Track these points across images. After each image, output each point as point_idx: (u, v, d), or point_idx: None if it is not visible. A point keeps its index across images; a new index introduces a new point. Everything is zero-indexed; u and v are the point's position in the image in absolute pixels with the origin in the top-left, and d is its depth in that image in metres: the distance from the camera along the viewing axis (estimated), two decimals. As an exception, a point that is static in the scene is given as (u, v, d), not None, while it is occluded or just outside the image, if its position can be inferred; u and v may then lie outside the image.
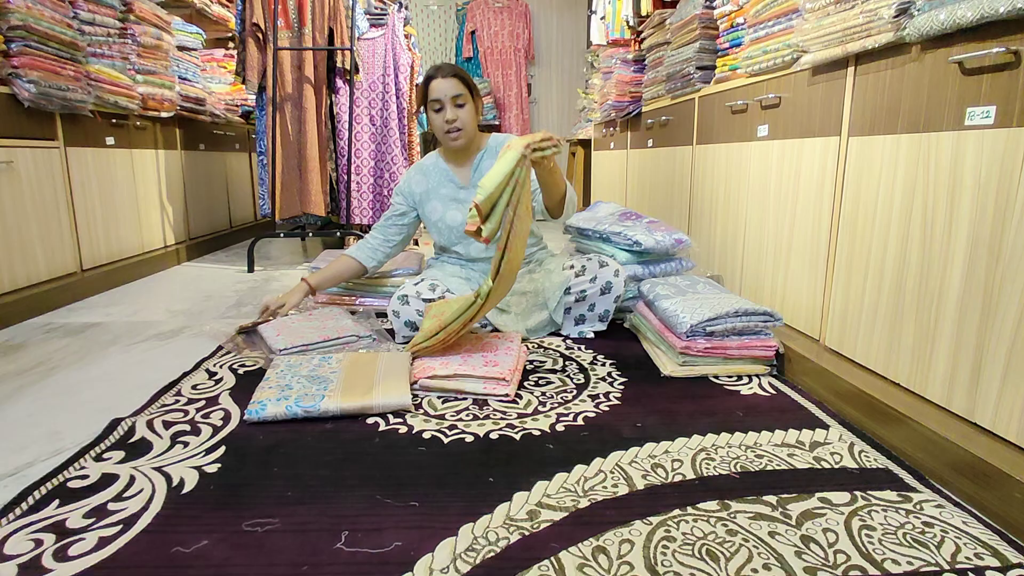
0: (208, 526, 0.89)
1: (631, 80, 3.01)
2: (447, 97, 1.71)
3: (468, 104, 1.74)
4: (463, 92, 1.72)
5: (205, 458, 1.09)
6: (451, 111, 1.72)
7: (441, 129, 1.75)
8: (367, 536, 0.86)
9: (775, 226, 1.71)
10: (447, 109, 1.72)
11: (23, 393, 1.40)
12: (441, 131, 1.76)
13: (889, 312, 1.23)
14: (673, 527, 0.88)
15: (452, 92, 1.71)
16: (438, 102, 1.72)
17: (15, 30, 2.00)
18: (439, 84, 1.71)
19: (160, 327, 1.95)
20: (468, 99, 1.74)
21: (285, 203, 2.93)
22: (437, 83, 1.71)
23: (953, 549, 0.83)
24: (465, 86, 1.73)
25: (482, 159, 1.84)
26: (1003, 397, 0.97)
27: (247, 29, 2.84)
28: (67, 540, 0.85)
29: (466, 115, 1.74)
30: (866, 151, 1.31)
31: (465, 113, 1.74)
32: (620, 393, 1.39)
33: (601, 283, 1.74)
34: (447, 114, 1.72)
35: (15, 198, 2.03)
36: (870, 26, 1.23)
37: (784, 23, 1.62)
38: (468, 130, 1.75)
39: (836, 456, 1.10)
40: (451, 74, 1.72)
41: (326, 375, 1.38)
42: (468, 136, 1.76)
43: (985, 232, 1.00)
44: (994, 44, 0.97)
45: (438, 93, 1.71)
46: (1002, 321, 0.97)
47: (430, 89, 1.72)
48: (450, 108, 1.72)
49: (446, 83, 1.71)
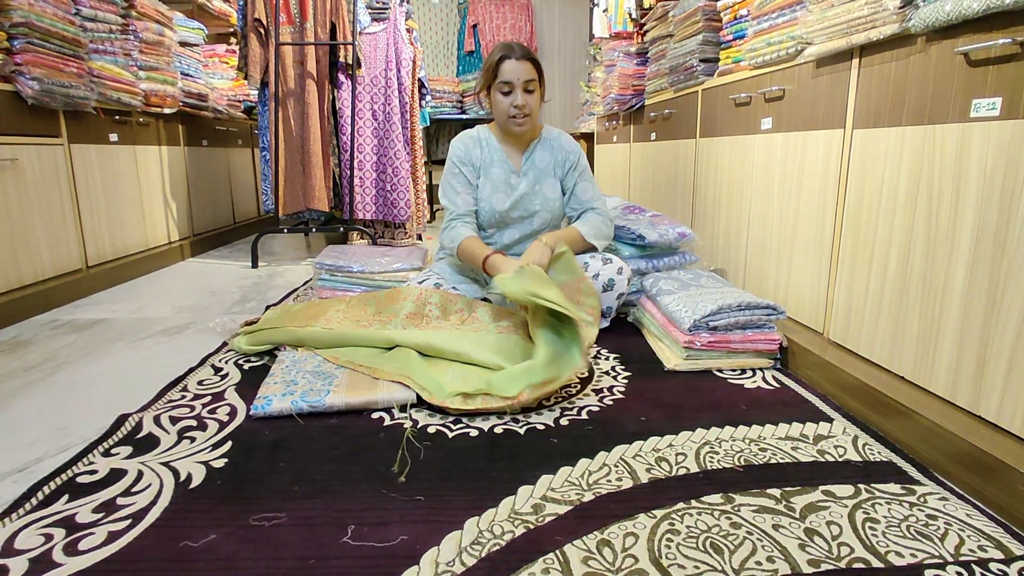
0: (216, 520, 0.90)
1: (634, 73, 3.00)
2: (519, 81, 1.67)
3: (537, 91, 1.72)
4: (534, 78, 1.69)
5: (212, 453, 1.09)
6: (521, 96, 1.68)
7: (506, 113, 1.71)
8: (373, 530, 0.87)
9: (779, 219, 1.71)
10: (516, 93, 1.68)
11: (30, 389, 1.41)
12: (505, 115, 1.72)
13: (893, 305, 1.23)
14: (677, 520, 0.89)
15: (525, 76, 1.67)
16: (508, 84, 1.68)
17: (18, 27, 2.00)
18: (512, 66, 1.67)
19: (166, 323, 1.96)
20: (537, 85, 1.72)
21: (289, 199, 2.93)
22: (510, 64, 1.67)
23: (957, 541, 0.83)
24: (537, 71, 1.70)
25: (536, 148, 1.82)
26: (1008, 390, 0.97)
27: (249, 25, 2.83)
28: (77, 535, 0.86)
29: (534, 101, 1.72)
30: (871, 144, 1.31)
31: (534, 100, 1.71)
32: (624, 387, 1.39)
33: (604, 280, 1.74)
34: (516, 99, 1.68)
35: (20, 195, 2.04)
36: (875, 17, 1.22)
37: (788, 15, 1.61)
38: (533, 118, 1.74)
39: (840, 449, 1.10)
40: (524, 56, 1.68)
41: (331, 371, 1.38)
42: (531, 124, 1.75)
43: (991, 225, 1.00)
44: (1000, 35, 0.96)
45: (510, 75, 1.67)
46: (1007, 313, 0.97)
47: (501, 70, 1.68)
48: (520, 93, 1.68)
49: (520, 66, 1.66)
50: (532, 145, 1.83)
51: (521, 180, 1.81)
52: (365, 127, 3.05)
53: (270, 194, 3.00)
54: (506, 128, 1.77)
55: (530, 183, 1.81)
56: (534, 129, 1.83)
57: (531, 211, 1.83)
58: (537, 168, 1.82)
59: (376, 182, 3.11)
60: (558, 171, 1.84)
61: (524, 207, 1.82)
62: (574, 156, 1.85)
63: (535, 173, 1.82)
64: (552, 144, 1.84)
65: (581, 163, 1.86)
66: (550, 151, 1.84)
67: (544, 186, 1.83)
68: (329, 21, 2.86)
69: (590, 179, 1.87)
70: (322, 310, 1.70)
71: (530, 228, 1.85)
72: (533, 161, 1.82)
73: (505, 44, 1.72)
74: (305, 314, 1.68)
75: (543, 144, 1.83)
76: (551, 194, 1.83)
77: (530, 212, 1.83)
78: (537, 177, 1.82)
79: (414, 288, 1.71)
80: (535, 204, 1.82)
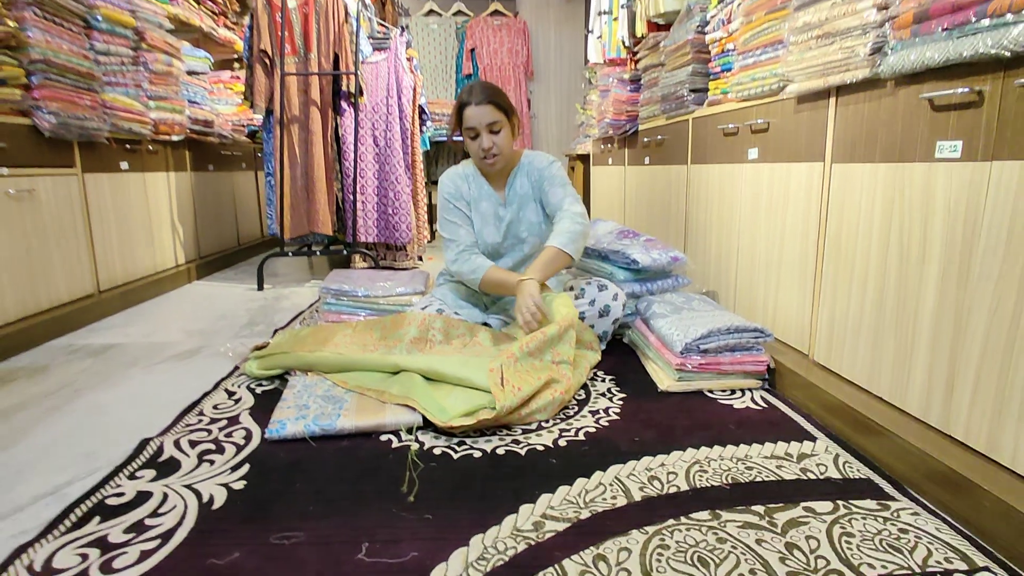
0: (238, 540, 0.96)
1: (627, 99, 3.10)
2: (482, 125, 1.73)
3: (504, 128, 1.76)
4: (498, 118, 1.73)
5: (231, 475, 1.16)
6: (487, 139, 1.74)
7: (477, 155, 1.78)
8: (386, 547, 0.94)
9: (766, 245, 1.79)
10: (483, 137, 1.74)
11: (54, 415, 1.48)
12: (477, 157, 1.79)
13: (871, 329, 1.31)
14: (667, 536, 0.96)
15: (488, 120, 1.72)
16: (473, 130, 1.74)
17: (36, 64, 2.09)
18: (473, 112, 1.72)
19: (177, 347, 2.03)
20: (504, 123, 1.75)
21: (293, 223, 3.02)
22: (471, 111, 1.73)
23: (925, 554, 0.90)
24: (500, 110, 1.74)
25: (516, 176, 1.88)
26: (973, 410, 1.04)
27: (255, 55, 2.93)
28: (111, 554, 0.93)
29: (502, 140, 1.76)
30: (848, 177, 1.39)
31: (501, 138, 1.76)
32: (619, 408, 1.46)
33: (600, 306, 1.82)
34: (483, 142, 1.74)
35: (36, 224, 2.12)
36: (848, 61, 1.31)
37: (771, 52, 1.70)
38: (504, 155, 1.78)
39: (821, 467, 1.17)
40: (485, 100, 1.72)
41: (340, 395, 1.46)
42: (504, 160, 1.80)
43: (955, 257, 1.08)
44: (960, 84, 1.05)
45: (472, 121, 1.73)
46: (972, 338, 1.04)
47: (464, 116, 1.74)
48: (486, 135, 1.74)
49: (480, 110, 1.72)
50: (513, 173, 1.89)
51: (507, 210, 1.89)
52: (367, 153, 3.15)
53: (275, 218, 3.09)
54: (483, 168, 1.85)
55: (515, 211, 1.89)
56: (513, 157, 1.88)
57: (520, 238, 1.91)
58: (519, 195, 1.89)
59: (378, 206, 3.20)
60: (536, 193, 1.89)
61: (513, 235, 1.90)
62: (544, 170, 1.87)
63: (518, 201, 1.89)
64: (528, 169, 1.89)
65: (549, 171, 1.87)
66: (527, 176, 1.89)
67: (527, 212, 1.89)
68: (332, 51, 2.96)
69: (560, 183, 1.86)
70: (330, 335, 1.77)
71: (522, 254, 1.93)
72: (515, 190, 1.89)
73: (467, 88, 1.78)
74: (314, 339, 1.75)
75: (522, 171, 1.89)
76: (535, 218, 1.90)
77: (520, 239, 1.91)
78: (520, 204, 1.89)
79: (418, 314, 1.79)
80: (522, 231, 1.90)
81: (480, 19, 5.13)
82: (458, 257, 1.84)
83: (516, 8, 5.25)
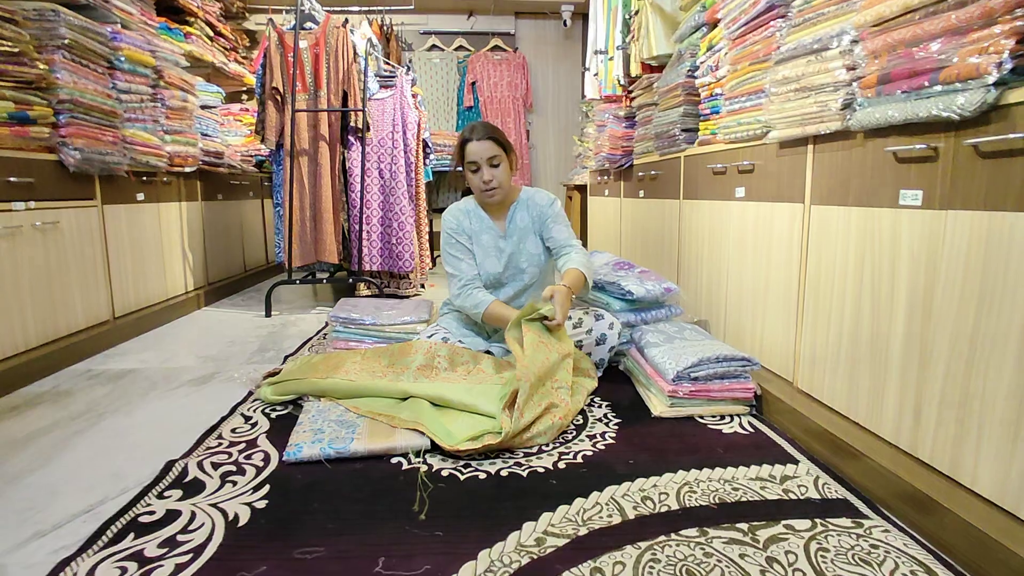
0: (264, 554, 1.05)
1: (623, 135, 3.24)
2: (483, 159, 1.88)
3: (503, 162, 1.91)
4: (497, 152, 1.89)
5: (253, 495, 1.25)
6: (487, 172, 1.89)
7: (479, 188, 1.93)
8: (401, 561, 1.02)
9: (753, 278, 1.90)
10: (483, 170, 1.89)
11: (81, 437, 1.56)
12: (479, 189, 1.93)
13: (848, 359, 1.41)
14: (659, 551, 1.04)
15: (488, 154, 1.88)
16: (474, 163, 1.89)
17: (63, 103, 2.21)
18: (474, 147, 1.88)
19: (192, 373, 2.11)
20: (503, 158, 1.91)
21: (301, 251, 3.12)
22: (473, 146, 1.88)
23: (893, 567, 0.99)
24: (499, 146, 1.90)
25: (515, 210, 2.02)
26: (937, 434, 1.14)
27: (267, 92, 3.07)
28: (148, 567, 1.01)
29: (501, 173, 1.91)
30: (825, 218, 1.51)
31: (500, 172, 1.91)
32: (615, 433, 1.55)
33: (596, 335, 1.92)
34: (484, 175, 1.89)
35: (59, 254, 2.22)
36: (822, 114, 1.43)
37: (755, 100, 1.83)
38: (504, 187, 1.93)
39: (802, 488, 1.26)
40: (485, 136, 1.88)
41: (353, 420, 1.55)
42: (504, 192, 1.94)
43: (919, 294, 1.19)
44: (918, 140, 1.17)
45: (474, 156, 1.88)
46: (935, 368, 1.15)
47: (466, 152, 1.90)
48: (486, 169, 1.89)
49: (481, 146, 1.87)
50: (512, 207, 2.02)
51: (508, 242, 2.00)
52: (372, 185, 3.27)
53: (283, 247, 3.20)
54: (482, 200, 1.99)
55: (515, 243, 2.00)
56: (512, 193, 2.03)
57: (521, 268, 2.02)
58: (519, 228, 2.01)
59: (382, 235, 3.31)
60: (536, 226, 2.02)
61: (514, 265, 2.01)
62: (547, 207, 2.01)
63: (518, 233, 2.01)
64: (528, 204, 2.03)
65: (552, 210, 2.01)
66: (527, 210, 2.02)
67: (527, 244, 2.01)
68: (341, 89, 3.10)
69: (563, 222, 2.01)
70: (340, 362, 1.86)
71: (522, 283, 2.04)
72: (515, 223, 2.01)
73: (468, 127, 1.94)
74: (325, 366, 1.84)
75: (521, 205, 2.02)
76: (534, 250, 2.01)
77: (520, 269, 2.02)
78: (520, 236, 2.01)
79: (424, 342, 1.89)
80: (522, 262, 2.01)
81: (481, 54, 5.32)
82: (461, 292, 1.95)
83: (516, 44, 5.45)
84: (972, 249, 1.06)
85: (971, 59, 0.98)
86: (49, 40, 2.18)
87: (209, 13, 3.87)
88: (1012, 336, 0.98)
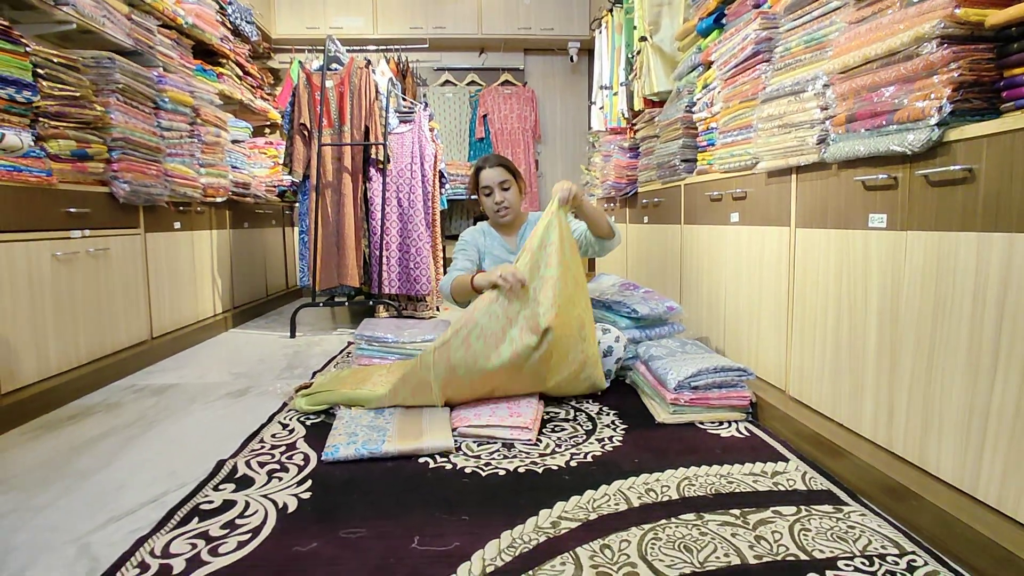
0: (314, 534, 1.20)
1: (627, 165, 3.43)
2: (495, 183, 2.13)
3: (513, 187, 2.17)
4: (508, 178, 2.15)
5: (298, 488, 1.40)
6: (499, 194, 2.15)
7: (492, 209, 2.18)
8: (433, 539, 1.17)
9: (748, 297, 2.06)
10: (495, 193, 2.14)
11: (136, 442, 1.73)
12: (492, 211, 2.18)
13: (831, 366, 1.56)
14: (660, 531, 1.19)
15: (499, 179, 2.13)
16: (488, 188, 2.15)
17: (116, 141, 2.43)
18: (487, 173, 2.14)
19: (229, 387, 2.28)
20: (512, 183, 2.16)
21: (324, 276, 3.31)
22: (486, 172, 2.15)
23: (866, 543, 1.13)
24: (509, 172, 2.16)
25: (524, 231, 2.26)
26: (907, 428, 1.28)
27: (295, 128, 3.30)
28: (215, 543, 1.16)
29: (512, 196, 2.16)
30: (808, 240, 1.67)
31: (511, 195, 2.16)
32: (622, 437, 1.70)
33: (604, 347, 2.08)
34: (496, 197, 2.15)
35: (108, 278, 2.41)
36: (801, 148, 1.61)
37: (745, 134, 2.01)
38: (514, 208, 2.18)
39: (791, 481, 1.40)
40: (497, 164, 2.15)
41: (383, 425, 1.70)
42: (514, 213, 2.19)
43: (887, 306, 1.34)
44: (880, 171, 1.34)
45: (487, 181, 2.14)
46: (902, 371, 1.29)
47: (480, 178, 2.15)
48: (498, 192, 2.15)
49: (493, 172, 2.14)
50: (522, 228, 2.26)
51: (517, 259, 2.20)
52: (392, 213, 3.47)
53: (307, 271, 3.39)
54: (495, 221, 2.23)
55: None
56: (521, 216, 2.28)
57: None
58: None
59: (400, 260, 3.50)
60: None
61: None
62: None
63: None
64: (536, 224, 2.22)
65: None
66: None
67: None
68: (364, 124, 3.33)
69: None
70: (367, 375, 2.03)
71: None
72: (524, 241, 2.19)
73: (482, 158, 2.20)
74: (353, 379, 2.00)
75: (529, 225, 2.26)
76: None
77: None
78: None
79: None
80: None
81: (492, 88, 5.57)
82: (445, 278, 2.18)
83: (525, 79, 5.71)
84: (927, 264, 1.21)
85: (918, 103, 1.15)
86: (105, 84, 2.41)
87: (239, 55, 4.14)
88: (961, 339, 1.14)
